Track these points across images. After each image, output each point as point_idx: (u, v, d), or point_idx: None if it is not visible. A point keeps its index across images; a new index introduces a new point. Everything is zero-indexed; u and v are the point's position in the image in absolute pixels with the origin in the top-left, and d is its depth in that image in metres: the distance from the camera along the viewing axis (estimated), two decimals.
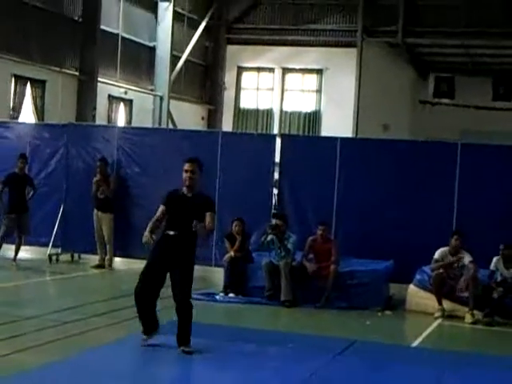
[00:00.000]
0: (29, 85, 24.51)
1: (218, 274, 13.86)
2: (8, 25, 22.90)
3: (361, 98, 31.89)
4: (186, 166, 9.06)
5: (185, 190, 9.00)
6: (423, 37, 30.86)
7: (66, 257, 16.26)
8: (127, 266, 15.98)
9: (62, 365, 8.20)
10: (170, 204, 9.11)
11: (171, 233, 8.88)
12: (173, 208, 9.02)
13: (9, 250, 15.38)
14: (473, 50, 30.59)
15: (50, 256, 16.03)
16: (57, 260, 16.07)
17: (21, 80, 24.16)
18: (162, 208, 9.15)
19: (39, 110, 24.75)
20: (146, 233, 9.05)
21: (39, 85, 24.91)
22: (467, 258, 12.21)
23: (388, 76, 31.76)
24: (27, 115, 24.15)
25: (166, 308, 9.74)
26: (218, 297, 13.02)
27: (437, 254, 12.35)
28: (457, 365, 9.32)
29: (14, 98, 23.99)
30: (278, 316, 12.15)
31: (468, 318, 12.00)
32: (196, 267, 15.14)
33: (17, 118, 23.34)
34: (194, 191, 9.01)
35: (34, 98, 24.76)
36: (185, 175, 9.03)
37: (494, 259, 12.23)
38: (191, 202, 8.88)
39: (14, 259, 15.33)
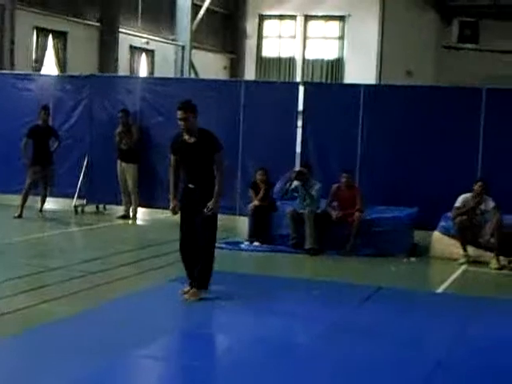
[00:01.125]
0: (50, 37, 24.52)
1: (243, 223, 13.90)
2: None
3: (384, 45, 31.73)
4: (178, 114, 8.85)
5: (185, 135, 8.92)
6: None
7: (91, 208, 16.35)
8: (152, 216, 16.09)
9: (91, 314, 8.30)
10: (177, 152, 9.16)
11: (190, 186, 8.94)
12: (181, 157, 9.07)
13: (35, 201, 15.47)
14: None
15: (75, 207, 16.14)
16: (82, 211, 16.17)
17: (42, 32, 24.18)
18: (172, 158, 9.24)
19: (61, 62, 24.79)
20: (171, 203, 9.21)
21: (61, 37, 24.92)
22: (491, 204, 12.18)
23: (411, 21, 31.52)
24: (49, 67, 24.18)
25: None
26: (242, 245, 13.09)
27: (458, 201, 12.29)
28: (481, 310, 9.32)
29: (37, 51, 24.05)
30: (302, 264, 12.18)
31: (493, 264, 12.01)
32: (220, 216, 15.22)
33: (39, 70, 23.39)
34: (194, 134, 8.87)
35: (56, 50, 24.78)
36: (179, 122, 8.88)
37: None
38: (196, 149, 8.88)
39: (40, 210, 15.48)
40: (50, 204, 16.16)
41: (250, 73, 33.95)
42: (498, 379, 6.71)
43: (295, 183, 13.10)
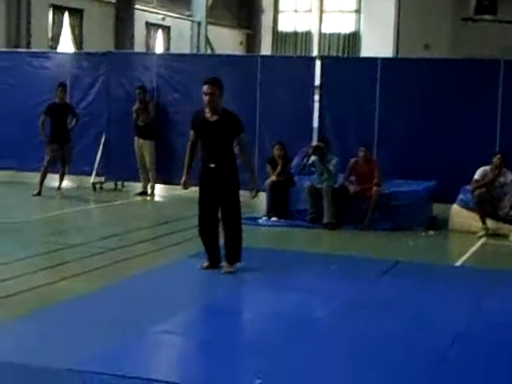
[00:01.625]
0: (66, 14, 24.60)
1: (260, 199, 13.91)
2: None
3: (401, 18, 31.62)
4: (205, 89, 8.78)
5: (207, 113, 8.85)
6: None
7: (109, 185, 16.40)
8: (169, 193, 16.12)
9: (110, 291, 8.35)
10: (197, 129, 9.10)
11: (211, 165, 8.88)
12: (202, 135, 9.03)
13: (53, 179, 15.53)
14: None
15: (93, 184, 16.21)
16: (100, 188, 16.23)
17: (58, 10, 24.25)
18: (192, 133, 9.22)
19: (77, 40, 24.87)
20: (183, 177, 9.47)
21: (77, 14, 24.98)
22: (510, 176, 12.15)
23: None
24: (66, 45, 24.22)
25: None
26: (260, 221, 13.12)
27: (477, 174, 12.26)
28: (500, 283, 9.31)
29: (53, 28, 24.10)
30: (320, 238, 12.20)
31: None
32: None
33: (56, 48, 23.44)
34: (217, 113, 8.83)
35: (72, 28, 24.85)
36: (204, 97, 8.80)
37: None
38: (218, 128, 8.83)
39: (59, 188, 15.56)
40: (69, 182, 16.21)
41: (266, 48, 33.94)
42: None
43: (312, 158, 13.11)
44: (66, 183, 15.93)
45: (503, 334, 7.27)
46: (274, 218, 13.12)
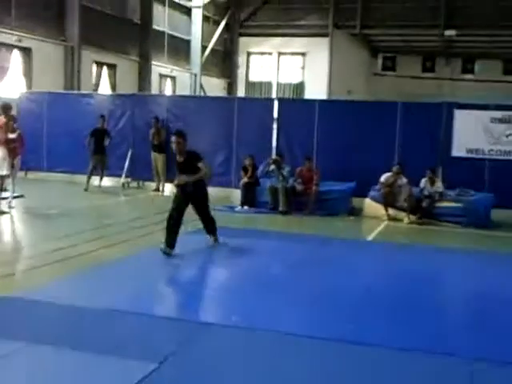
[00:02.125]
0: (105, 68, 24.44)
1: (236, 194, 13.93)
2: (91, 26, 22.68)
3: (332, 72, 31.75)
4: (173, 139, 8.58)
5: (177, 156, 8.63)
6: (374, 28, 30.65)
7: (133, 184, 16.37)
8: (174, 190, 16.07)
9: (136, 256, 8.39)
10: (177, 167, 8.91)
11: (187, 189, 8.64)
12: (177, 169, 8.85)
13: (95, 180, 15.47)
14: (407, 37, 30.31)
15: (123, 184, 16.09)
16: (128, 186, 16.16)
17: (99, 64, 24.09)
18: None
19: (112, 85, 24.72)
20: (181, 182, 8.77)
21: (112, 68, 24.83)
22: (404, 180, 12.29)
23: (350, 56, 31.55)
24: (104, 89, 24.09)
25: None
26: (236, 209, 13.14)
27: (382, 178, 12.44)
28: (396, 252, 9.48)
29: (96, 77, 23.96)
30: (277, 221, 12.22)
31: (405, 220, 12.18)
32: (220, 189, 15.38)
33: (97, 90, 23.29)
34: (183, 155, 8.55)
35: (109, 77, 24.71)
36: (172, 145, 8.60)
37: (423, 180, 12.27)
38: (185, 165, 8.57)
39: (99, 186, 15.49)
40: (106, 181, 16.15)
41: (241, 92, 33.90)
42: (413, 299, 6.82)
43: (272, 167, 13.16)
44: (104, 182, 15.84)
45: (403, 283, 7.39)
46: (245, 207, 13.12)
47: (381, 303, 6.57)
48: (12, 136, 11.69)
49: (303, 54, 33.27)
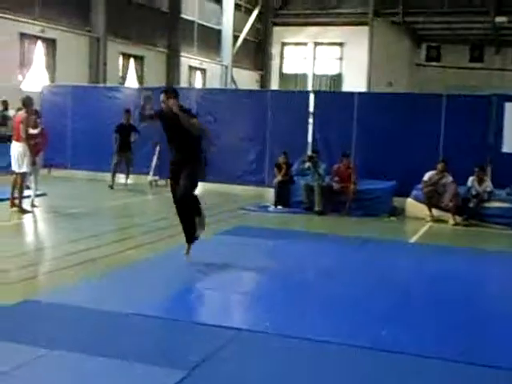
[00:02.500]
0: (132, 60, 24.69)
1: (270, 193, 13.92)
2: (117, 16, 22.90)
3: (372, 63, 31.54)
4: (161, 98, 7.98)
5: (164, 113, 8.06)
6: (417, 16, 30.32)
7: (161, 182, 16.43)
8: (205, 189, 16.10)
9: (163, 257, 8.42)
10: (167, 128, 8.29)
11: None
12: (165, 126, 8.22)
13: (121, 178, 15.61)
14: (454, 25, 29.93)
15: (150, 182, 16.21)
16: (156, 185, 16.25)
17: (126, 56, 24.40)
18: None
19: (139, 78, 24.98)
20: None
21: (139, 60, 25.13)
22: (449, 178, 12.17)
23: (391, 46, 31.30)
24: (131, 82, 24.33)
25: None
26: (270, 209, 13.13)
27: (425, 177, 12.34)
28: (440, 255, 9.36)
29: (122, 70, 24.22)
30: (312, 222, 12.20)
31: (451, 221, 12.02)
32: (252, 187, 15.41)
33: (124, 83, 23.54)
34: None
35: (136, 69, 24.98)
36: (162, 105, 7.95)
37: (470, 178, 12.11)
38: (175, 122, 7.80)
39: (125, 184, 15.63)
40: (132, 179, 16.27)
41: (274, 85, 33.93)
42: (454, 306, 6.74)
43: (307, 164, 13.14)
44: (130, 180, 15.98)
45: (439, 286, 7.31)
46: (279, 207, 13.12)
47: (418, 309, 6.52)
48: (34, 132, 11.86)
49: (341, 44, 33.16)
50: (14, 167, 11.31)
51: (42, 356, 4.82)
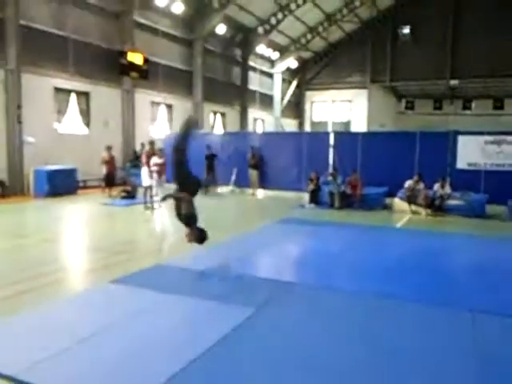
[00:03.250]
0: (218, 115, 24.91)
1: (305, 196, 13.79)
2: (209, 89, 23.20)
3: (369, 113, 31.20)
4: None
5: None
6: (399, 81, 29.84)
7: (237, 190, 16.46)
8: (264, 194, 16.15)
9: (236, 239, 8.30)
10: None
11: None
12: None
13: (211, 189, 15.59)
14: (422, 86, 29.30)
15: (231, 190, 16.23)
16: (234, 192, 16.28)
17: (215, 113, 24.60)
18: None
19: (223, 126, 25.18)
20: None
21: (223, 115, 25.30)
22: (422, 185, 11.82)
23: (382, 101, 30.88)
24: (218, 129, 24.57)
25: None
26: (306, 206, 12.96)
27: (406, 184, 11.98)
28: (417, 235, 9.08)
29: (212, 122, 24.48)
30: (333, 214, 11.98)
31: (424, 213, 11.64)
32: (294, 192, 15.29)
33: (213, 130, 23.77)
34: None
35: (221, 121, 25.17)
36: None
37: (436, 185, 11.76)
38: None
39: (213, 192, 15.42)
40: (219, 189, 16.35)
41: (307, 128, 33.72)
42: (428, 267, 6.54)
43: (330, 178, 12.98)
44: (218, 190, 16.02)
45: (416, 255, 7.09)
46: (312, 205, 12.98)
47: (406, 269, 6.34)
48: (159, 161, 12.14)
49: (350, 101, 32.63)
50: (144, 183, 11.71)
51: (166, 298, 4.91)
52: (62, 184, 14.03)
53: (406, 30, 28.39)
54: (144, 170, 11.72)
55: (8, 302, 4.81)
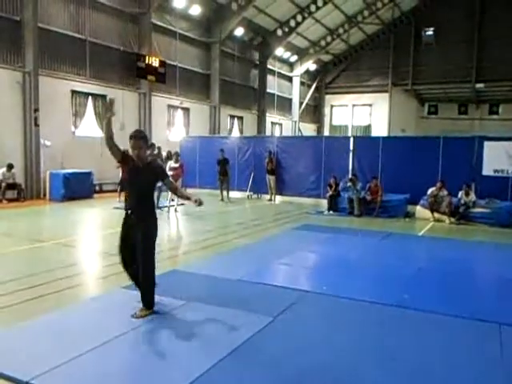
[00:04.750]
0: (235, 119, 25.01)
1: (324, 202, 13.73)
2: (227, 92, 23.33)
3: (390, 117, 30.95)
4: (131, 144, 4.49)
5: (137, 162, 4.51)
6: (421, 85, 29.53)
7: (254, 196, 16.49)
8: (282, 200, 16.13)
9: (257, 244, 8.38)
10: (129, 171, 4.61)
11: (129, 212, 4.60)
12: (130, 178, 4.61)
13: (218, 195, 15.40)
14: (447, 90, 28.92)
15: (247, 195, 16.28)
16: (251, 197, 16.32)
17: (232, 117, 24.71)
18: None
19: (240, 130, 25.26)
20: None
21: (240, 119, 25.39)
22: (445, 192, 11.67)
23: (403, 105, 30.59)
24: (235, 133, 24.66)
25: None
26: (324, 213, 12.91)
27: (429, 191, 11.86)
28: (441, 244, 8.95)
29: (230, 125, 24.59)
30: (353, 221, 11.92)
31: (447, 221, 11.49)
32: (312, 199, 15.21)
33: (230, 134, 23.88)
34: (143, 162, 4.54)
35: (239, 125, 25.27)
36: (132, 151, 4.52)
37: (460, 192, 11.60)
38: (144, 171, 4.52)
39: (227, 197, 15.27)
40: (236, 195, 16.38)
41: (326, 132, 33.61)
42: (454, 277, 6.43)
43: (349, 184, 12.86)
44: (234, 195, 16.04)
45: (446, 267, 6.98)
46: (331, 212, 12.91)
47: (428, 280, 6.24)
48: (175, 165, 12.24)
49: (370, 105, 32.44)
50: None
51: (183, 305, 4.93)
52: (78, 188, 14.22)
53: (430, 32, 28.13)
54: None
55: (22, 306, 4.89)
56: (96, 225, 10.58)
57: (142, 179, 4.51)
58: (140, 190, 4.52)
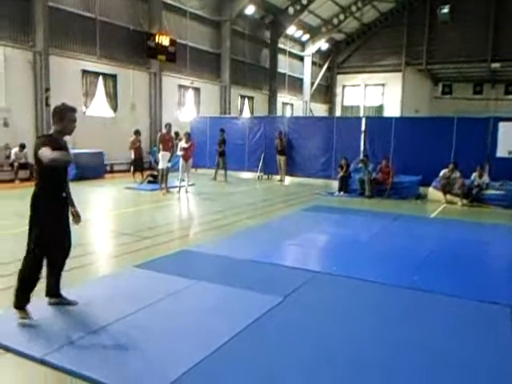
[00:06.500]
0: (246, 99, 24.84)
1: (335, 183, 13.66)
2: (237, 72, 23.12)
3: (403, 97, 30.51)
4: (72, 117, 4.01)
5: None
6: (436, 64, 28.98)
7: (265, 176, 16.47)
8: (291, 181, 16.07)
9: (266, 224, 8.38)
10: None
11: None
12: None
13: (220, 175, 15.33)
14: (461, 69, 28.34)
15: (258, 176, 16.25)
16: (261, 178, 16.30)
17: (242, 97, 24.55)
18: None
19: (251, 110, 25.12)
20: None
21: (251, 99, 25.22)
22: (458, 174, 11.53)
23: (417, 85, 30.11)
24: (246, 113, 24.52)
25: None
26: (335, 194, 12.85)
27: (441, 173, 11.72)
28: (453, 226, 8.87)
29: (240, 105, 24.44)
30: (364, 203, 11.86)
31: (459, 203, 11.38)
32: (323, 180, 15.13)
33: (241, 114, 23.75)
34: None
35: (249, 105, 25.12)
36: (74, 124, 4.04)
37: (473, 174, 11.46)
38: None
39: (225, 180, 15.02)
40: (247, 175, 16.35)
41: (338, 113, 33.28)
42: (466, 260, 6.39)
43: (360, 164, 12.81)
44: (245, 175, 16.04)
45: (457, 249, 6.93)
46: (341, 193, 12.85)
47: (440, 262, 6.20)
48: (185, 145, 12.19)
49: (383, 85, 31.98)
50: (161, 166, 11.73)
51: (193, 284, 4.96)
52: (89, 168, 14.26)
53: (445, 10, 27.43)
54: (160, 155, 11.76)
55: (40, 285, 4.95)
56: (110, 205, 10.64)
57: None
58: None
